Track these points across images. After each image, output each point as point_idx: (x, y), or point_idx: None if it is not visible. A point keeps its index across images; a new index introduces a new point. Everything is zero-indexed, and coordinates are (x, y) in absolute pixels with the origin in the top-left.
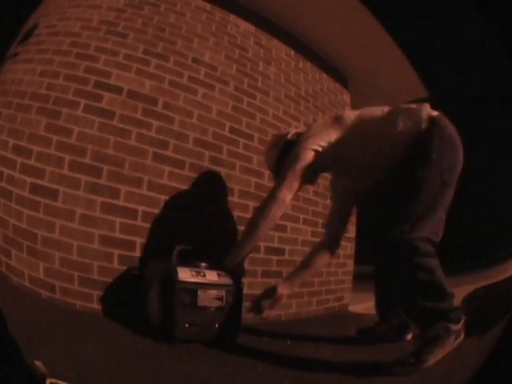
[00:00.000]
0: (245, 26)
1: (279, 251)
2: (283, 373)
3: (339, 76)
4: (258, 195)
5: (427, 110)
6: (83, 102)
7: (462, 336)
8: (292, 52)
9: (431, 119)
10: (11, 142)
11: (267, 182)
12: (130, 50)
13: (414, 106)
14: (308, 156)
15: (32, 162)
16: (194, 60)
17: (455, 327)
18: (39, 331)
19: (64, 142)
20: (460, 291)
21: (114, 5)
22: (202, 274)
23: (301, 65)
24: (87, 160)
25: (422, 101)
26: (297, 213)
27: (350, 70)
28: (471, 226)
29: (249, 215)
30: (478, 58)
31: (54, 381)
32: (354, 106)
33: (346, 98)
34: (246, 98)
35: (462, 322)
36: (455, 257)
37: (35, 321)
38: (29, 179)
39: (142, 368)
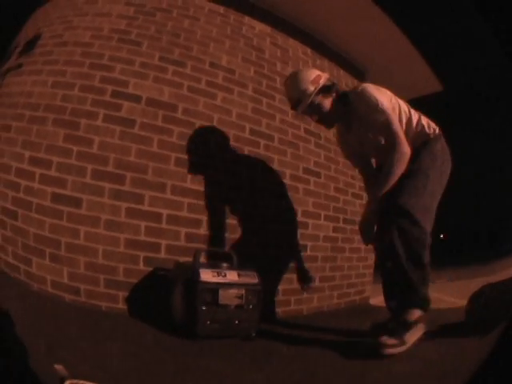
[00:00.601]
0: (260, 27)
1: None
2: (296, 366)
3: (357, 72)
4: (279, 194)
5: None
6: (102, 111)
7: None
8: (309, 50)
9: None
10: (27, 153)
11: (289, 180)
12: (146, 58)
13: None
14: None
15: (52, 172)
16: (212, 64)
17: (427, 312)
18: (62, 334)
19: (85, 151)
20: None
21: (124, 12)
22: (222, 274)
23: (318, 63)
24: (110, 168)
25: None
26: (318, 209)
27: (367, 65)
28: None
29: (271, 214)
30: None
31: (74, 381)
32: None
33: None
34: (265, 100)
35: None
36: (469, 248)
37: (57, 325)
38: (50, 189)
39: (166, 364)
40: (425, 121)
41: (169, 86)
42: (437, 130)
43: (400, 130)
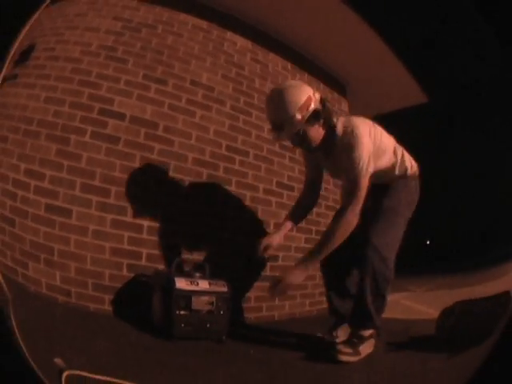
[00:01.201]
0: (241, 42)
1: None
2: (258, 368)
3: (337, 84)
4: (253, 207)
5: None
6: (90, 128)
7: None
8: (289, 65)
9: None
10: (23, 166)
11: (262, 194)
12: (131, 76)
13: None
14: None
15: (46, 184)
16: (192, 82)
17: (379, 330)
18: (57, 332)
19: (75, 166)
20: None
21: (111, 28)
22: (195, 283)
23: (298, 77)
24: (97, 182)
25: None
26: None
27: (348, 78)
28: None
29: (245, 226)
30: (478, 61)
31: (71, 372)
32: (353, 113)
33: (344, 106)
34: (241, 116)
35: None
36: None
37: (53, 323)
38: (43, 200)
39: (145, 360)
40: (406, 157)
41: (151, 104)
42: (415, 168)
43: (360, 198)
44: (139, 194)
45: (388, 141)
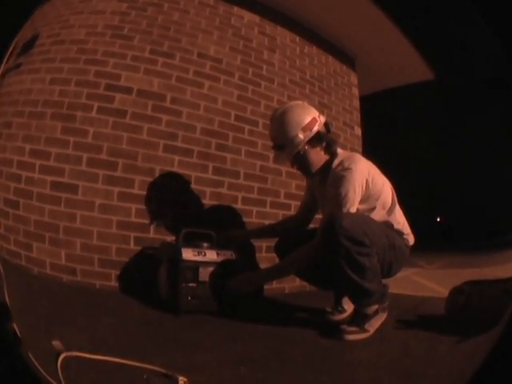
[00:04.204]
0: (249, 16)
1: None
2: (264, 342)
3: (346, 58)
4: (262, 177)
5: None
6: (96, 104)
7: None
8: (297, 38)
9: None
10: (28, 147)
11: (271, 164)
12: (137, 52)
13: None
14: None
15: (51, 162)
16: (199, 55)
17: (386, 303)
18: (60, 312)
19: (81, 142)
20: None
21: (117, 9)
22: (202, 253)
23: (306, 50)
24: (103, 156)
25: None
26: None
27: (357, 51)
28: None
29: (254, 196)
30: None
31: (68, 354)
32: (362, 87)
33: (354, 79)
34: (250, 87)
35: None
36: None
37: (56, 304)
38: (49, 178)
39: (150, 337)
40: (400, 220)
41: (158, 77)
42: (409, 237)
43: None
44: (147, 167)
45: (386, 189)
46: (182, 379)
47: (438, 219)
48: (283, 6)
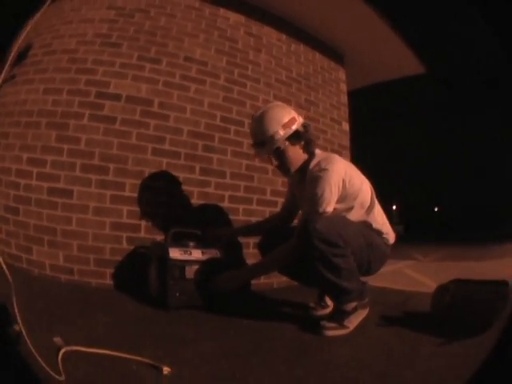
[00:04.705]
0: (234, 17)
1: None
2: (248, 337)
3: (334, 54)
4: (248, 175)
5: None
6: (87, 112)
7: (368, 305)
8: (284, 36)
9: None
10: (25, 155)
11: (257, 162)
12: (125, 59)
13: None
14: None
15: (47, 169)
16: (186, 59)
17: (366, 300)
18: (60, 311)
19: (74, 149)
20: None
21: (105, 16)
22: (188, 252)
23: (293, 48)
24: (96, 161)
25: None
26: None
27: (345, 47)
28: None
29: (240, 194)
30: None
31: (68, 348)
32: (350, 82)
33: (342, 75)
34: (236, 88)
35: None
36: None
37: (56, 303)
38: (46, 184)
39: (143, 330)
40: (380, 220)
41: (146, 83)
42: (389, 235)
43: None
44: (137, 170)
45: (364, 189)
46: (166, 369)
47: (436, 209)
48: (270, 5)
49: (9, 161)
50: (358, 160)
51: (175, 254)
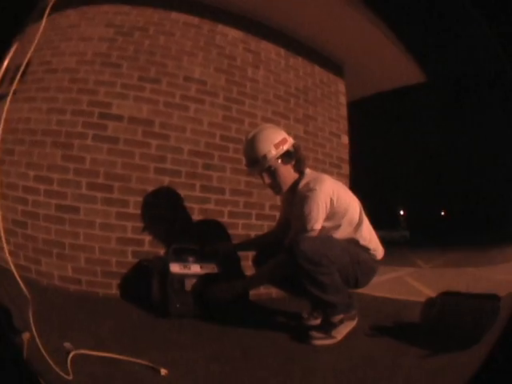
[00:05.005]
0: (233, 33)
1: None
2: (241, 344)
3: (333, 66)
4: (247, 191)
5: None
6: (91, 132)
7: (357, 317)
8: (282, 51)
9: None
10: (31, 173)
11: (256, 179)
12: (126, 79)
13: None
14: None
15: (55, 187)
16: (185, 78)
17: (353, 313)
18: (69, 318)
19: (80, 168)
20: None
21: (104, 34)
22: (188, 267)
23: (291, 62)
24: (101, 180)
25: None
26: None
27: (344, 57)
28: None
29: (239, 210)
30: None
31: (77, 352)
32: (350, 94)
33: (341, 87)
34: (235, 106)
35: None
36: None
37: (65, 311)
38: (53, 201)
39: (145, 336)
40: (368, 234)
41: (147, 104)
42: (378, 252)
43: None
44: (140, 188)
45: (352, 207)
46: (163, 371)
47: (443, 213)
48: (268, 19)
49: (15, 177)
50: (362, 166)
51: (175, 268)
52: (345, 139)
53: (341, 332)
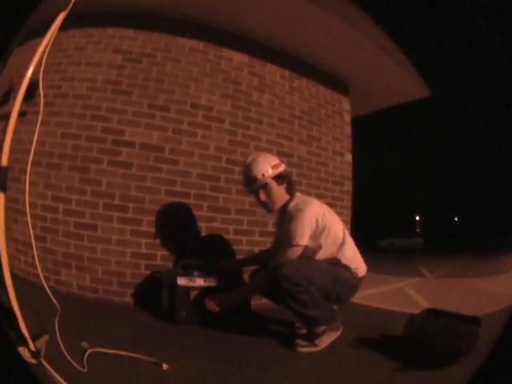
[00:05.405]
0: (238, 57)
1: None
2: (233, 348)
3: (338, 84)
4: (251, 211)
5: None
6: (106, 157)
7: (341, 328)
8: (287, 73)
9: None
10: (49, 193)
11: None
12: (137, 107)
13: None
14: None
15: (73, 206)
16: (192, 105)
17: (336, 324)
18: (88, 322)
19: (97, 190)
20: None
21: (113, 61)
22: (193, 280)
23: (296, 84)
24: (116, 201)
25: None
26: None
27: (350, 75)
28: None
29: (244, 227)
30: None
31: (93, 350)
32: (355, 111)
33: (346, 105)
34: (240, 131)
35: (339, 319)
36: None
37: (83, 316)
38: (72, 219)
39: (156, 339)
40: (351, 253)
41: (157, 131)
42: (359, 269)
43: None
44: (152, 209)
45: (335, 227)
46: (165, 366)
47: (456, 219)
48: (272, 40)
49: (33, 196)
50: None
51: (182, 281)
52: (348, 157)
53: (324, 341)
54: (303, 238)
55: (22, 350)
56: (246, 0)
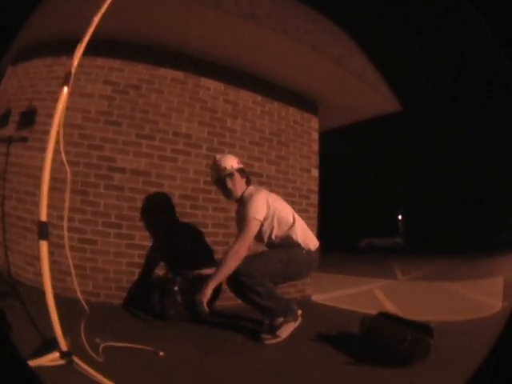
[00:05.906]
0: (215, 85)
1: None
2: (209, 343)
3: (308, 104)
4: (225, 225)
5: None
6: (102, 182)
7: (300, 319)
8: (259, 98)
9: None
10: (54, 213)
11: (232, 214)
12: (126, 136)
13: None
14: (257, 226)
15: (76, 224)
16: (174, 134)
17: (293, 315)
18: (91, 322)
19: (96, 210)
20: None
21: (103, 92)
22: (178, 285)
23: (267, 108)
24: (113, 219)
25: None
26: None
27: (320, 96)
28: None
29: (219, 239)
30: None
31: (106, 344)
32: (323, 128)
33: (314, 124)
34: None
35: (297, 310)
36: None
37: (88, 316)
38: (76, 235)
39: (148, 334)
40: (301, 230)
41: (144, 158)
42: (312, 244)
43: (246, 237)
44: (143, 225)
45: (284, 211)
46: (161, 353)
47: (439, 219)
48: (246, 66)
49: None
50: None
51: (170, 286)
52: (315, 172)
53: (284, 331)
54: (259, 212)
55: (50, 356)
56: (217, 30)
